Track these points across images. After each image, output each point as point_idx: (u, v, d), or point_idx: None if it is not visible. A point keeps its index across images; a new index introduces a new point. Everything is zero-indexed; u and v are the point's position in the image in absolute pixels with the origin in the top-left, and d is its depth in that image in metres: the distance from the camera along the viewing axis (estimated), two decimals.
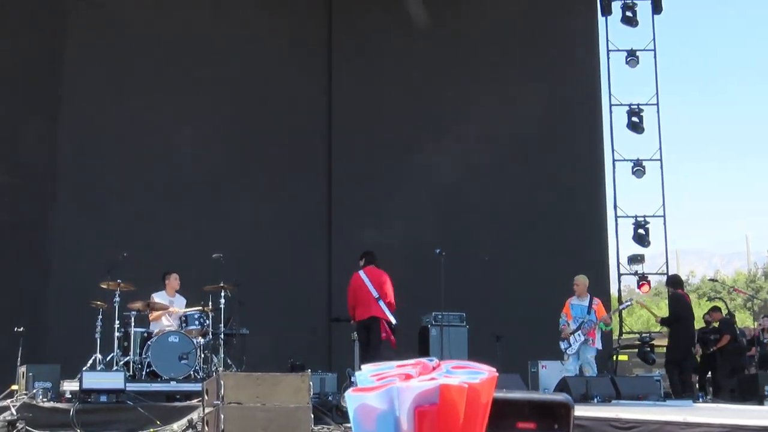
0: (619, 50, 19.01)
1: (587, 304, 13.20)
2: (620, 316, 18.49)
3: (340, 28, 17.03)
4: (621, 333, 18.24)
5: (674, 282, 15.56)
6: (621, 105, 18.81)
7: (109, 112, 15.53)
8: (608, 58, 18.91)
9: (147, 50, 15.89)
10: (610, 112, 18.79)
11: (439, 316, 13.49)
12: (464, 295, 14.40)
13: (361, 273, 12.64)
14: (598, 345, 13.28)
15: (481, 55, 17.38)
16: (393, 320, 12.41)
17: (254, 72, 16.41)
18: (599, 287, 16.35)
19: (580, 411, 8.67)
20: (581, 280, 13.39)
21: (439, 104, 16.99)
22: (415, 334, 14.01)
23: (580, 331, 13.02)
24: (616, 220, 18.31)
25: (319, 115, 16.65)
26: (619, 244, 18.49)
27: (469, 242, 16.03)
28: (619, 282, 19.12)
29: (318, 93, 16.74)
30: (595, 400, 11.69)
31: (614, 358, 16.81)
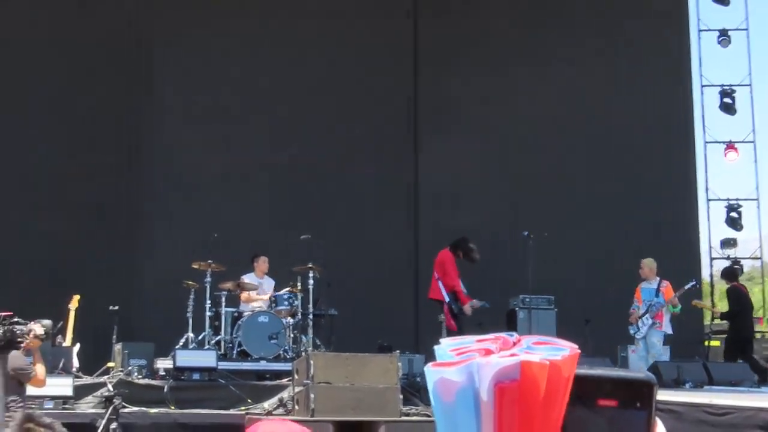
0: (710, 30, 18.61)
1: (656, 287, 13.02)
2: (712, 301, 18.15)
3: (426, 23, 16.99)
4: (713, 318, 17.90)
5: (729, 275, 15.30)
6: (712, 86, 18.42)
7: (199, 94, 15.78)
8: (699, 38, 18.54)
9: (235, 35, 16.08)
10: (702, 93, 18.42)
11: (527, 299, 13.42)
12: (553, 278, 14.32)
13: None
14: (666, 329, 13.01)
15: (567, 37, 17.17)
16: (446, 298, 12.43)
17: (337, 55, 16.48)
18: (690, 271, 16.06)
19: (673, 396, 8.57)
20: (646, 263, 13.19)
21: (524, 87, 16.84)
22: (503, 317, 13.97)
23: (648, 314, 12.86)
24: (707, 204, 17.97)
25: (405, 99, 16.66)
26: (711, 228, 18.15)
27: (557, 225, 15.89)
28: (711, 266, 18.77)
29: (404, 76, 16.74)
30: (687, 385, 11.52)
31: (706, 343, 16.53)
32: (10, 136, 14.71)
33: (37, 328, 6.94)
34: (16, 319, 6.92)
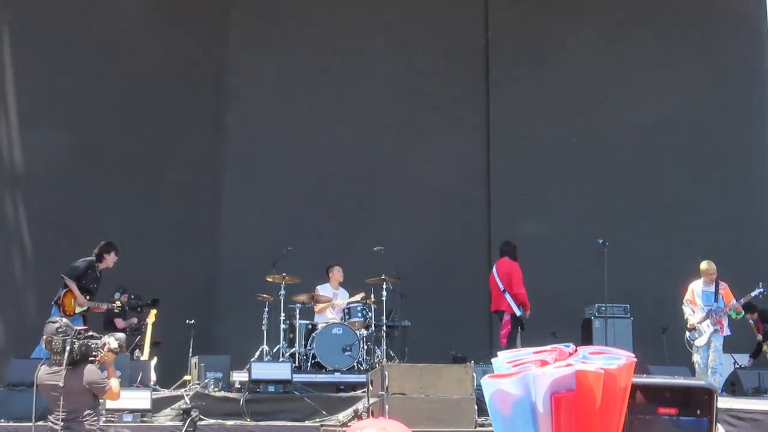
0: None
1: (713, 290, 12.62)
2: None
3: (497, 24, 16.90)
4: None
5: None
6: None
7: (272, 108, 15.90)
8: None
9: (310, 42, 16.16)
10: None
11: (603, 308, 13.28)
12: (628, 286, 14.14)
13: (494, 266, 12.73)
14: (727, 332, 12.61)
15: (644, 35, 16.94)
16: (517, 312, 12.34)
17: (413, 64, 16.48)
18: None
19: (753, 405, 8.39)
20: (710, 267, 12.73)
21: (596, 87, 16.64)
22: (578, 326, 13.83)
23: (709, 320, 12.48)
24: None
25: (477, 108, 16.59)
26: None
27: (632, 231, 15.69)
28: None
29: (477, 87, 16.67)
30: None
31: None
32: (85, 152, 14.93)
33: (111, 341, 7.05)
34: (90, 333, 7.05)
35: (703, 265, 12.80)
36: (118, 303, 11.90)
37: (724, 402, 9.20)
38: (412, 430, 8.16)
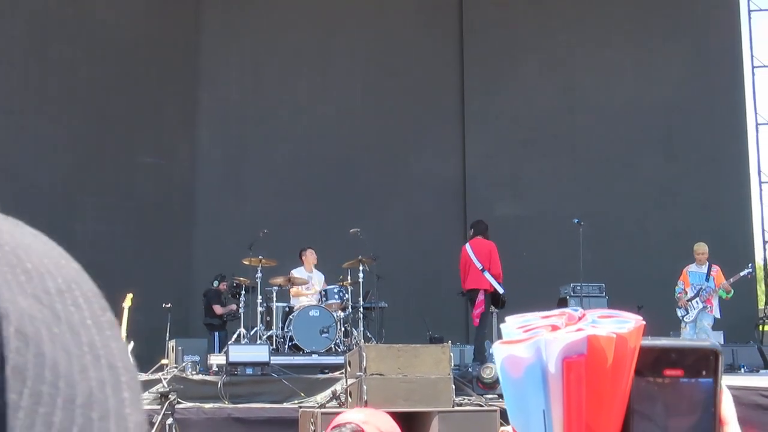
0: (761, 10, 18.31)
1: (706, 271, 12.87)
2: (766, 285, 17.91)
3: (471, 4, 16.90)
4: None
5: None
6: (764, 66, 18.13)
7: (247, 91, 15.86)
8: (750, 18, 18.25)
9: (283, 27, 16.11)
10: (753, 74, 18.13)
11: (578, 287, 13.34)
12: (604, 265, 14.22)
13: (467, 246, 12.65)
14: (716, 313, 12.87)
15: (615, 18, 17.01)
16: (500, 290, 12.34)
17: (386, 46, 16.46)
18: (743, 255, 15.88)
19: (727, 380, 8.48)
20: (703, 249, 13.03)
21: (571, 67, 16.69)
22: (554, 305, 13.90)
23: (698, 298, 12.72)
24: (760, 186, 17.71)
25: (453, 90, 16.61)
26: (764, 210, 17.86)
27: (606, 211, 15.78)
28: (765, 249, 18.49)
29: (452, 69, 16.68)
30: (743, 370, 11.40)
31: (761, 328, 16.30)
32: (59, 137, 14.85)
33: None
34: None
35: (696, 246, 13.10)
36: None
37: None
38: (385, 410, 8.20)
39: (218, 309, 12.83)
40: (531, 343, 1.03)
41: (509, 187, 16.16)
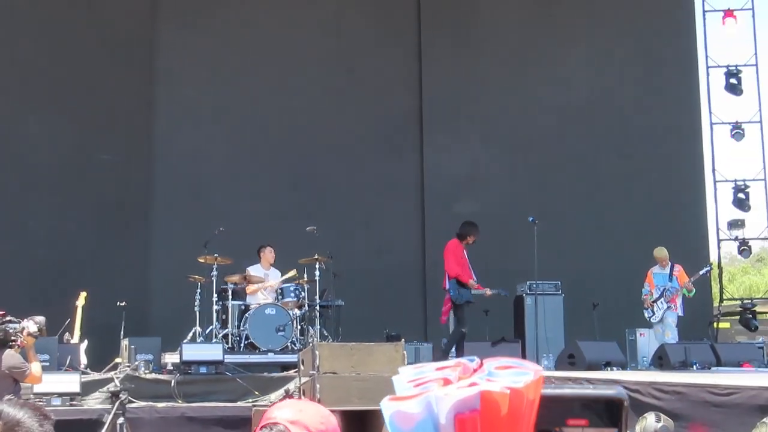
0: (715, 11, 18.50)
1: (668, 272, 13.21)
2: (720, 283, 18.10)
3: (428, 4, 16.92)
4: (722, 300, 17.85)
5: None
6: (718, 67, 18.30)
7: (204, 88, 15.78)
8: (704, 19, 18.41)
9: (238, 21, 16.06)
10: (707, 74, 18.31)
11: (534, 285, 13.41)
12: (559, 263, 14.32)
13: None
14: (680, 312, 13.24)
15: (571, 17, 17.11)
16: (447, 286, 12.36)
17: (344, 38, 16.43)
18: (698, 253, 16.07)
19: (678, 378, 8.56)
20: (662, 253, 13.42)
21: (528, 67, 16.77)
22: (510, 303, 13.97)
23: (662, 298, 13.06)
24: (714, 185, 17.88)
25: (411, 88, 16.60)
26: (719, 209, 18.07)
27: (562, 209, 15.88)
28: (719, 248, 18.70)
29: (408, 63, 16.69)
30: (695, 367, 11.52)
31: (715, 325, 16.49)
32: (14, 132, 14.72)
33: (30, 325, 6.98)
34: (9, 318, 6.96)
35: (655, 251, 13.46)
36: None
37: (650, 376, 9.37)
38: (340, 409, 8.20)
39: None
40: (422, 398, 1.04)
41: (466, 184, 16.21)
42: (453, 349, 12.04)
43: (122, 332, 12.14)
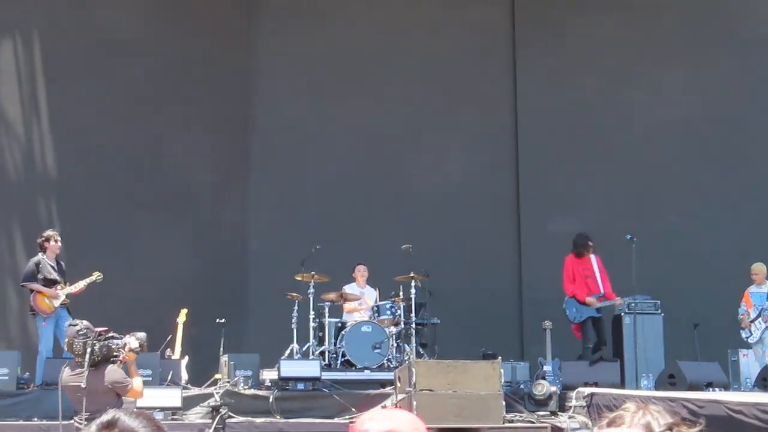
0: None
1: (767, 291, 12.82)
2: None
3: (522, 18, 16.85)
4: None
5: None
6: None
7: (301, 105, 15.93)
8: None
9: (337, 38, 16.17)
10: None
11: (633, 304, 13.20)
12: (659, 281, 14.07)
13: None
14: None
15: (670, 33, 16.80)
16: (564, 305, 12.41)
17: (442, 65, 16.43)
18: None
19: None
20: (759, 269, 13.03)
21: (632, 82, 16.47)
22: (609, 322, 13.78)
23: (761, 318, 12.64)
24: None
25: (505, 103, 16.52)
26: None
27: (661, 226, 15.60)
28: None
29: (504, 83, 16.61)
30: None
31: None
32: (118, 157, 15.07)
33: (132, 341, 7.15)
34: (111, 334, 7.14)
35: (753, 267, 13.20)
36: (97, 274, 11.69)
37: (753, 396, 9.15)
38: (437, 427, 8.20)
39: None
40: None
41: (563, 201, 16.03)
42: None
43: (221, 349, 12.33)
